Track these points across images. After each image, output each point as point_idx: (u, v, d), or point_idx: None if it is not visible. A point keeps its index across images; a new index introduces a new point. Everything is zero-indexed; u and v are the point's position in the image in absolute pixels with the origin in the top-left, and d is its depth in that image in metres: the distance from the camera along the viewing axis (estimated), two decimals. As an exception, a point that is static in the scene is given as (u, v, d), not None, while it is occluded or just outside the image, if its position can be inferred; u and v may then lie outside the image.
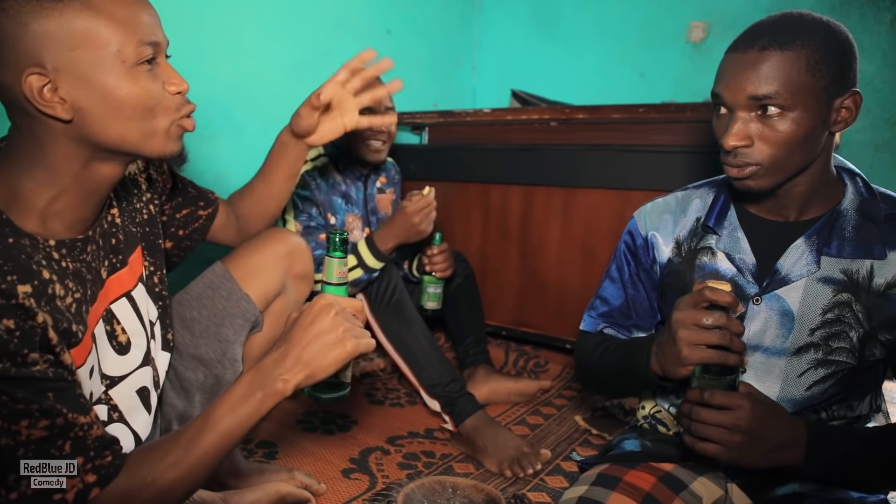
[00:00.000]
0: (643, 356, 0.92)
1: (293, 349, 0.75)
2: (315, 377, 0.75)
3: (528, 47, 2.83)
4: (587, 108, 1.94)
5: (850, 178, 0.92)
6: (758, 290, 0.93)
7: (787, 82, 0.81)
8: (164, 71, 0.77)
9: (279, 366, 0.74)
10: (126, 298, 0.88)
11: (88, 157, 0.74)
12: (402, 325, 1.60)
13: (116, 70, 0.71)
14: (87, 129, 0.72)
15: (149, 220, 0.97)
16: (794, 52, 0.81)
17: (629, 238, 1.09)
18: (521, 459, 1.37)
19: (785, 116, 0.82)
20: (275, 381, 0.74)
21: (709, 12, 2.33)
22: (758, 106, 0.83)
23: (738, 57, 0.84)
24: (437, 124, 2.30)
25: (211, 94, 1.88)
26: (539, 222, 2.02)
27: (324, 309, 0.76)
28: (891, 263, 0.86)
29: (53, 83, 0.69)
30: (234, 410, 0.73)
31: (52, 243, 0.73)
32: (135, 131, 0.74)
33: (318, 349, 0.74)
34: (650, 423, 1.12)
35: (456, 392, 1.52)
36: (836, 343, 0.89)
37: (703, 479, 0.97)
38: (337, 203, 1.74)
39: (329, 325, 0.75)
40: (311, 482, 1.25)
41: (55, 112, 0.69)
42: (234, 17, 1.90)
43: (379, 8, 2.45)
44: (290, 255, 1.14)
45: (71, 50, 0.68)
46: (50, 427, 0.66)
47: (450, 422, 1.50)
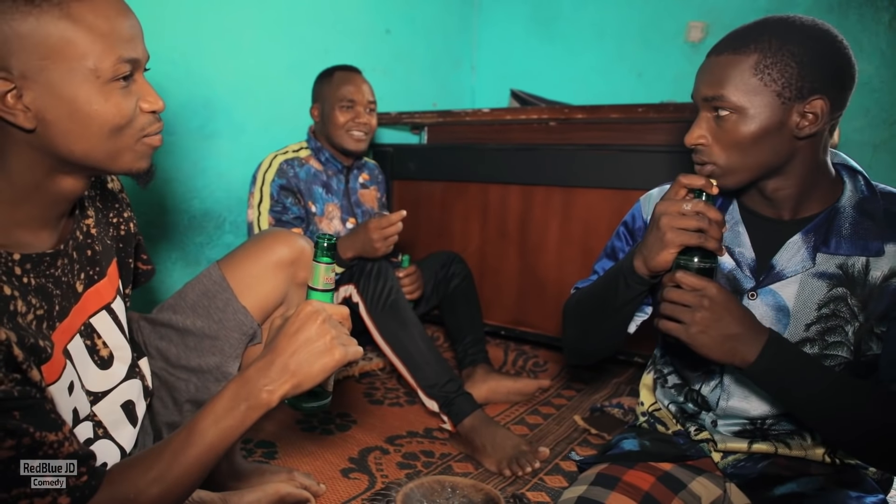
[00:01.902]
0: (626, 262, 0.93)
1: (279, 358, 0.72)
2: (301, 387, 0.72)
3: (527, 47, 2.84)
4: (586, 108, 1.94)
5: (850, 175, 0.92)
6: (754, 285, 0.93)
7: (731, 85, 0.83)
8: (140, 88, 0.72)
9: (264, 376, 0.72)
10: (106, 311, 0.85)
11: (50, 167, 0.70)
12: (399, 326, 1.60)
13: (89, 85, 0.67)
14: (49, 141, 0.68)
15: (125, 237, 0.94)
16: (744, 55, 0.83)
17: (630, 219, 1.09)
18: (519, 458, 1.37)
19: (735, 118, 0.84)
20: (259, 393, 0.71)
21: (707, 12, 2.33)
22: (711, 107, 0.86)
23: (707, 60, 0.88)
24: (437, 124, 2.30)
25: (210, 93, 1.88)
26: (538, 222, 2.02)
27: (310, 316, 0.73)
28: (888, 256, 0.86)
29: (19, 90, 0.64)
30: (217, 423, 0.71)
31: (16, 257, 0.69)
32: (100, 149, 0.70)
33: (305, 358, 0.72)
34: (649, 421, 1.12)
35: (454, 392, 1.52)
36: (832, 338, 0.89)
37: (701, 479, 0.98)
38: (317, 192, 1.80)
39: (316, 333, 0.72)
40: (311, 482, 1.24)
41: (16, 120, 0.65)
42: (233, 16, 1.91)
43: (378, 8, 2.45)
44: (295, 263, 1.07)
45: (43, 58, 0.64)
46: (16, 447, 0.62)
47: (448, 422, 1.50)
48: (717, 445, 1.00)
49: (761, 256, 0.94)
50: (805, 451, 0.94)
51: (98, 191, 0.90)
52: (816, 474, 0.93)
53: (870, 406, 0.83)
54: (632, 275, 0.91)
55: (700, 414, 1.02)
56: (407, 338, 1.59)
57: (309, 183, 1.79)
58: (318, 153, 1.84)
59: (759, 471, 0.96)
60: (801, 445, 0.95)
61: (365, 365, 1.98)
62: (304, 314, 0.74)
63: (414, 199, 2.30)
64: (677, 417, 1.07)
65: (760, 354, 0.81)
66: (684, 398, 1.05)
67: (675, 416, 1.07)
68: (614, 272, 0.97)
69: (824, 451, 0.94)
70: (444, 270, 1.93)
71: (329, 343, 0.73)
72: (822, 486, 0.90)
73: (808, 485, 0.90)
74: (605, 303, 0.99)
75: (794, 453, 0.95)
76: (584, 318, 1.06)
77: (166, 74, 1.71)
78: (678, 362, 1.05)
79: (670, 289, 0.83)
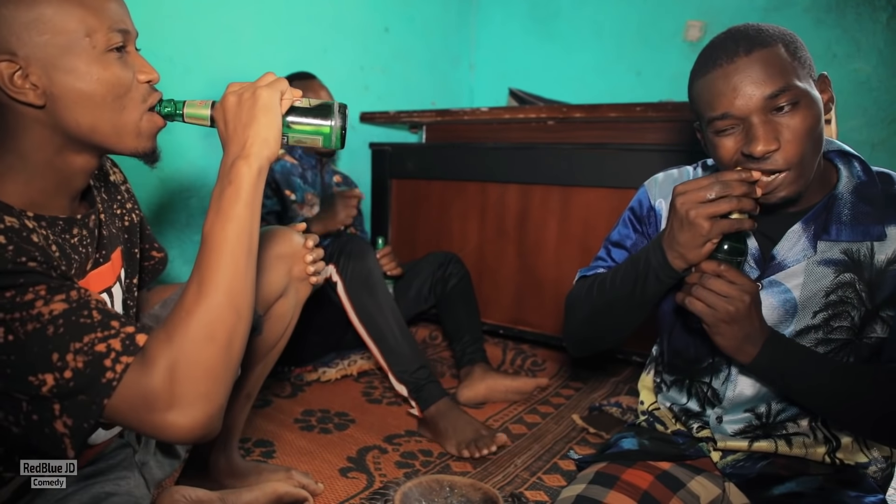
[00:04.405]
0: (655, 257, 0.91)
1: (230, 138, 0.73)
2: (269, 139, 0.73)
3: (526, 46, 2.83)
4: (584, 107, 1.94)
5: (844, 161, 0.92)
6: (759, 275, 0.93)
7: (785, 74, 0.80)
8: (135, 60, 0.77)
9: (229, 156, 0.73)
10: (106, 294, 0.87)
11: (60, 145, 0.74)
12: (375, 307, 1.64)
13: (86, 55, 0.71)
14: (58, 115, 0.72)
15: (129, 227, 0.96)
16: (774, 47, 0.82)
17: (637, 204, 1.07)
18: (477, 441, 1.43)
19: (797, 109, 0.81)
20: (237, 165, 0.72)
21: (706, 11, 2.34)
22: (773, 107, 0.81)
23: (727, 70, 0.82)
24: (435, 123, 2.30)
25: (210, 92, 1.87)
26: (536, 221, 2.02)
27: (223, 104, 0.75)
28: (891, 240, 0.86)
29: (24, 70, 0.69)
30: (219, 213, 0.71)
31: (30, 214, 0.72)
32: (106, 122, 0.74)
33: (247, 117, 0.73)
34: (648, 420, 1.12)
35: (424, 379, 1.57)
36: (837, 322, 0.90)
37: (700, 478, 0.97)
38: (296, 182, 1.90)
39: (235, 102, 0.74)
40: (309, 481, 1.24)
41: (27, 98, 0.70)
42: (232, 15, 1.90)
43: (377, 6, 2.44)
44: (293, 256, 1.11)
45: (41, 35, 0.69)
46: (66, 300, 0.65)
47: (416, 407, 1.56)
48: (717, 444, 1.00)
49: (764, 247, 0.94)
50: (805, 450, 0.94)
51: (102, 182, 0.93)
52: (815, 474, 0.93)
53: (874, 386, 0.86)
54: (665, 269, 0.90)
55: (705, 411, 1.02)
56: (382, 320, 1.63)
57: (286, 175, 1.88)
58: (292, 150, 1.93)
59: (758, 470, 0.96)
60: (804, 443, 0.95)
61: (363, 364, 1.98)
62: (218, 111, 0.76)
63: (412, 198, 2.30)
64: (679, 417, 1.06)
65: (761, 352, 0.85)
66: (688, 397, 1.05)
67: (676, 415, 1.07)
68: (638, 266, 0.94)
69: (825, 451, 0.94)
70: (442, 270, 1.94)
71: (251, 95, 0.73)
72: (820, 486, 0.90)
73: (807, 484, 0.90)
74: (629, 297, 0.96)
75: (794, 452, 0.95)
76: (599, 311, 1.03)
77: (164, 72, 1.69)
78: (679, 352, 1.04)
79: (712, 279, 0.84)
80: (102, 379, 0.63)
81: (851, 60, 2.00)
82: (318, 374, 1.89)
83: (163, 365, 0.64)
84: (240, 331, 0.70)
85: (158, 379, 0.64)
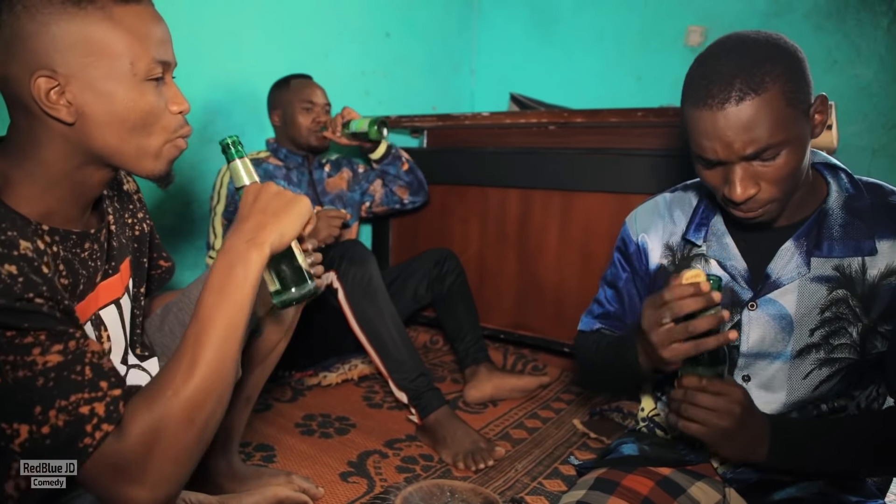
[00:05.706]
0: (631, 353, 0.92)
1: (252, 216, 0.73)
2: (285, 235, 0.73)
3: (527, 51, 2.84)
4: (585, 112, 1.95)
5: (832, 174, 0.91)
6: (752, 296, 0.93)
7: (773, 126, 0.78)
8: (170, 90, 0.77)
9: (243, 233, 0.72)
10: (115, 305, 0.87)
11: (82, 161, 0.75)
12: (376, 314, 1.64)
13: (127, 81, 0.71)
14: (86, 134, 0.72)
15: (139, 237, 0.97)
16: (769, 93, 0.78)
17: (622, 244, 1.09)
18: (475, 453, 1.42)
19: (781, 155, 0.80)
20: (248, 249, 0.71)
21: (706, 17, 2.34)
22: (756, 157, 0.80)
23: (716, 116, 0.80)
24: (436, 128, 2.31)
25: (210, 95, 1.88)
26: (537, 226, 2.02)
27: (263, 186, 0.76)
28: (882, 255, 0.86)
29: (62, 87, 0.69)
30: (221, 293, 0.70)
31: (45, 227, 0.73)
32: (131, 145, 0.74)
33: (278, 207, 0.73)
34: (649, 426, 1.12)
35: (424, 387, 1.57)
36: (837, 340, 0.89)
37: (700, 484, 0.97)
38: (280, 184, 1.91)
39: (277, 191, 0.75)
40: (309, 486, 1.24)
41: (59, 115, 0.70)
42: (233, 18, 1.91)
43: (378, 11, 2.45)
44: None
45: (85, 56, 0.69)
46: (63, 351, 0.64)
47: (416, 414, 1.56)
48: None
49: (753, 266, 0.93)
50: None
51: (115, 191, 0.93)
52: (815, 479, 0.92)
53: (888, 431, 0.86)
54: (638, 367, 0.92)
55: None
56: (382, 326, 1.63)
57: (269, 177, 1.87)
58: (277, 152, 1.93)
59: (759, 476, 0.96)
60: None
61: (364, 368, 1.98)
62: (255, 187, 0.76)
63: (413, 203, 2.30)
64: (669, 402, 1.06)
65: (771, 449, 0.85)
66: None
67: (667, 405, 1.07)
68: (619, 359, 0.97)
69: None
70: (438, 268, 1.95)
71: (292, 195, 0.75)
72: (821, 491, 0.90)
73: (808, 489, 0.90)
74: (620, 373, 1.01)
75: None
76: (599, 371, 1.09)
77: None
78: None
79: (698, 394, 0.83)
80: (80, 443, 0.63)
81: (852, 66, 2.01)
82: (319, 378, 1.89)
83: (141, 440, 0.64)
84: (217, 416, 0.70)
85: (134, 454, 0.64)
